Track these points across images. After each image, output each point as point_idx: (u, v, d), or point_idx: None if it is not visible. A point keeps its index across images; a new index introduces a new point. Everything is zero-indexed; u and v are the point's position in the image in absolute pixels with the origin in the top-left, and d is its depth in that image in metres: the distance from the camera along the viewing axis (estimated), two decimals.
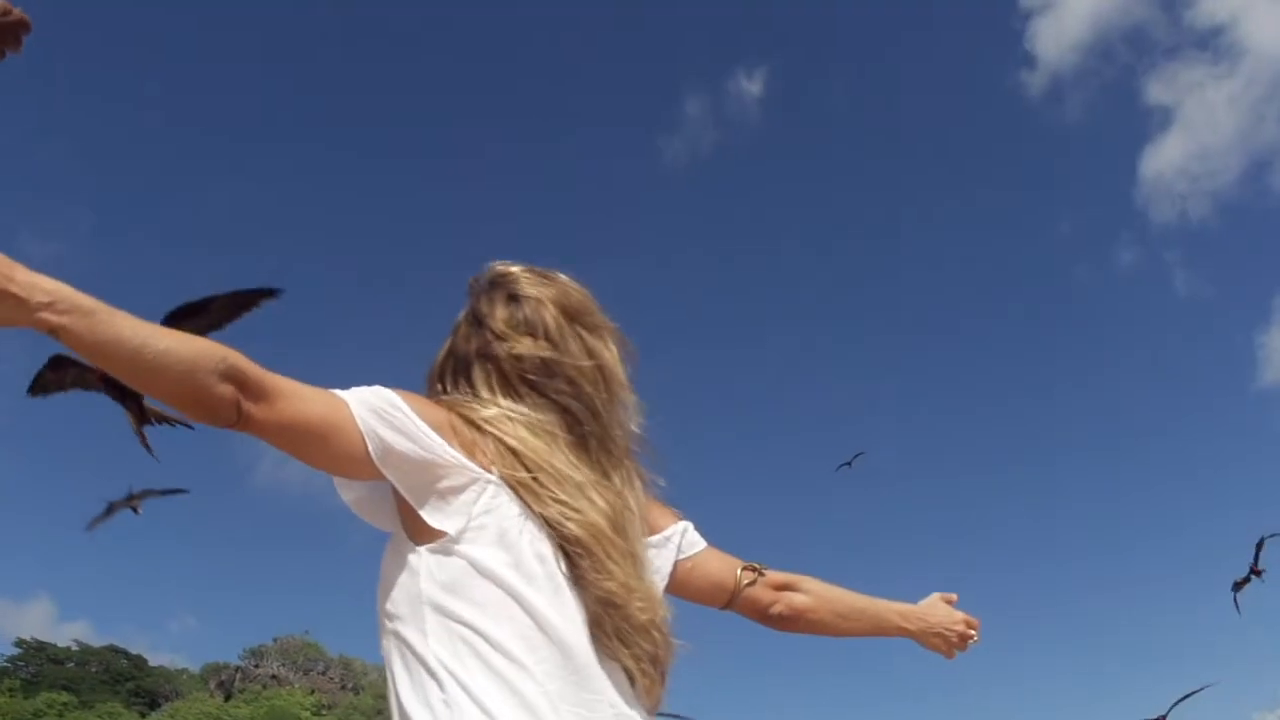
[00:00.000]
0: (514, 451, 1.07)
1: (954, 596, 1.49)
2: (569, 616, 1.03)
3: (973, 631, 1.46)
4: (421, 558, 1.04)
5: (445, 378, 1.18)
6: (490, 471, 1.06)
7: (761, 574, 1.35)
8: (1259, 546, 9.73)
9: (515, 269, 1.21)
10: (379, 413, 1.02)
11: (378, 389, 1.04)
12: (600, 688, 1.02)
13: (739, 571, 1.34)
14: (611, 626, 1.04)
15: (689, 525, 1.30)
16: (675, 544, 1.27)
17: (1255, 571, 9.85)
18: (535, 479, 1.06)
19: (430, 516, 1.04)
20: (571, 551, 1.05)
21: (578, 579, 1.05)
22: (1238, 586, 10.08)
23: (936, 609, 1.46)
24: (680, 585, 1.25)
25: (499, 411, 1.10)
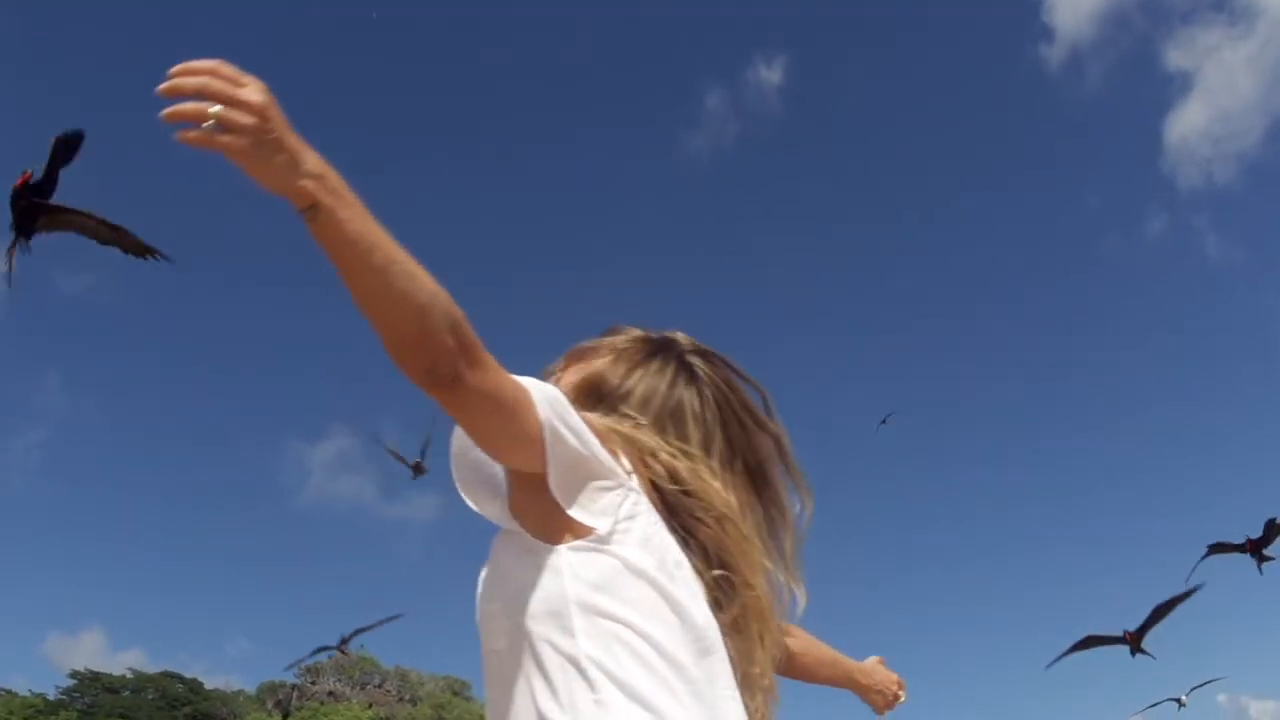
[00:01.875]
0: (723, 516, 1.11)
1: (884, 659, 1.67)
2: (708, 617, 1.04)
3: (902, 692, 1.64)
4: (562, 556, 1.00)
5: (627, 408, 1.17)
6: (631, 478, 1.06)
7: None
8: (1272, 527, 8.95)
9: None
10: (553, 402, 1.00)
11: (545, 382, 1.03)
12: (729, 684, 1.03)
13: None
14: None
15: None
16: None
17: (1253, 550, 8.99)
18: (735, 545, 1.11)
19: (578, 513, 1.01)
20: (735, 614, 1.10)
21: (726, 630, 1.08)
22: (1217, 549, 9.15)
23: (878, 670, 1.63)
24: None
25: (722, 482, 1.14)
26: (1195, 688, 10.81)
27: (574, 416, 1.01)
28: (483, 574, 1.07)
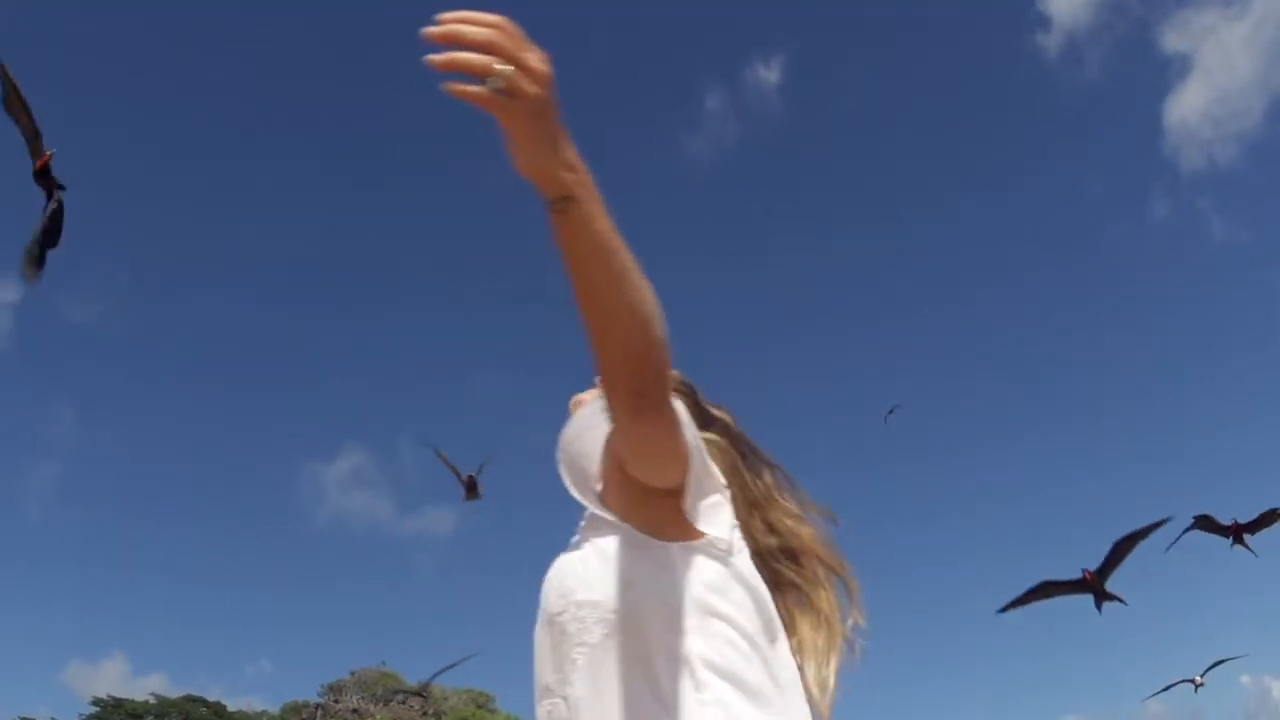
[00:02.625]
0: (833, 570, 1.20)
1: None
2: (774, 610, 1.08)
3: None
4: (677, 555, 1.01)
5: (754, 466, 1.21)
6: (727, 492, 1.10)
7: None
8: (1271, 515, 8.33)
9: None
10: (689, 425, 1.01)
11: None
12: (794, 668, 1.08)
13: None
14: None
15: None
16: None
17: (1236, 533, 8.39)
18: (831, 597, 1.18)
19: (705, 525, 1.03)
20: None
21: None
22: (1203, 521, 8.45)
23: None
24: None
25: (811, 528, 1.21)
26: (1211, 667, 10.37)
27: (698, 435, 1.03)
28: (568, 565, 1.04)
